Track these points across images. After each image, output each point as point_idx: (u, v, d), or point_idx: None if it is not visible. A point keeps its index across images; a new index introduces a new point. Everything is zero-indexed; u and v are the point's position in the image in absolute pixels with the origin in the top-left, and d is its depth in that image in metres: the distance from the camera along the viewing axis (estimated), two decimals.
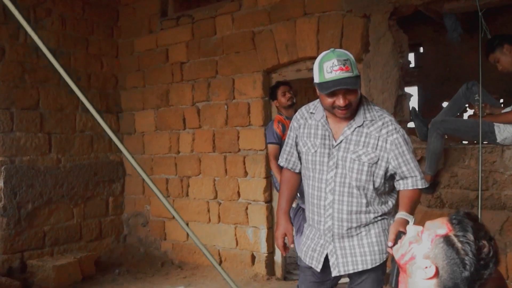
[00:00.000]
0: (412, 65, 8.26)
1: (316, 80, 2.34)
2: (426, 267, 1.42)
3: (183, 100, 6.13)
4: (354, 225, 2.43)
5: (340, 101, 2.29)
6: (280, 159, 2.74)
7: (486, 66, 4.04)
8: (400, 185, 2.44)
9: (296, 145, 2.63)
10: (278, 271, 5.39)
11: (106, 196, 6.58)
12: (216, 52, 5.79)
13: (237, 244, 5.68)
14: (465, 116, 6.07)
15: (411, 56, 8.18)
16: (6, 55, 5.47)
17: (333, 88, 2.26)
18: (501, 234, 3.81)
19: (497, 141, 3.76)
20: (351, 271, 2.46)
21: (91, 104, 1.70)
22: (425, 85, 8.20)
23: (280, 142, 4.56)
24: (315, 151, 2.48)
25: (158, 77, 6.38)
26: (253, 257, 5.55)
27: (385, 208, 2.48)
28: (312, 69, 2.43)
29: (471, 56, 3.89)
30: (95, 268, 5.69)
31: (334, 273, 2.49)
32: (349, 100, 2.30)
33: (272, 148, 4.68)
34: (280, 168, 3.08)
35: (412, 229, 1.53)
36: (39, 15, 5.83)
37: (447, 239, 1.41)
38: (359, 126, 2.39)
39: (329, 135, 2.45)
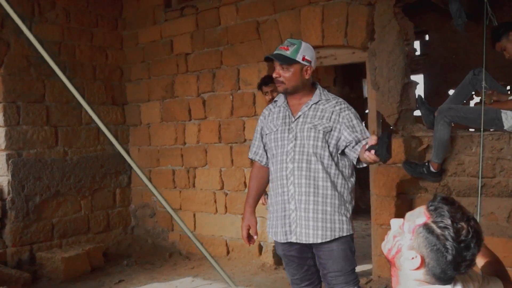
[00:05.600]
0: (418, 53, 8.19)
1: None
2: (412, 258, 1.45)
3: (188, 91, 6.13)
4: (312, 190, 2.65)
5: (274, 73, 2.72)
6: (249, 153, 3.00)
7: (493, 54, 4.00)
8: (356, 150, 2.62)
9: (262, 137, 2.89)
10: None
11: (113, 188, 6.61)
12: (221, 43, 5.78)
13: None
14: (472, 103, 6.03)
15: (416, 44, 8.12)
16: (11, 48, 5.47)
17: (266, 56, 2.76)
18: (508, 221, 3.80)
19: (504, 128, 3.73)
20: (311, 242, 2.67)
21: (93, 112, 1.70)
22: (431, 73, 8.13)
23: None
24: (277, 130, 2.77)
25: (163, 69, 6.37)
26: (260, 247, 5.56)
27: (340, 189, 2.69)
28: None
29: (477, 44, 3.84)
30: (103, 259, 5.73)
31: (292, 239, 2.71)
32: (280, 74, 2.68)
33: None
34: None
35: (394, 222, 1.56)
36: (43, 8, 5.83)
37: (426, 227, 1.43)
38: (315, 103, 2.73)
39: (288, 114, 2.77)
